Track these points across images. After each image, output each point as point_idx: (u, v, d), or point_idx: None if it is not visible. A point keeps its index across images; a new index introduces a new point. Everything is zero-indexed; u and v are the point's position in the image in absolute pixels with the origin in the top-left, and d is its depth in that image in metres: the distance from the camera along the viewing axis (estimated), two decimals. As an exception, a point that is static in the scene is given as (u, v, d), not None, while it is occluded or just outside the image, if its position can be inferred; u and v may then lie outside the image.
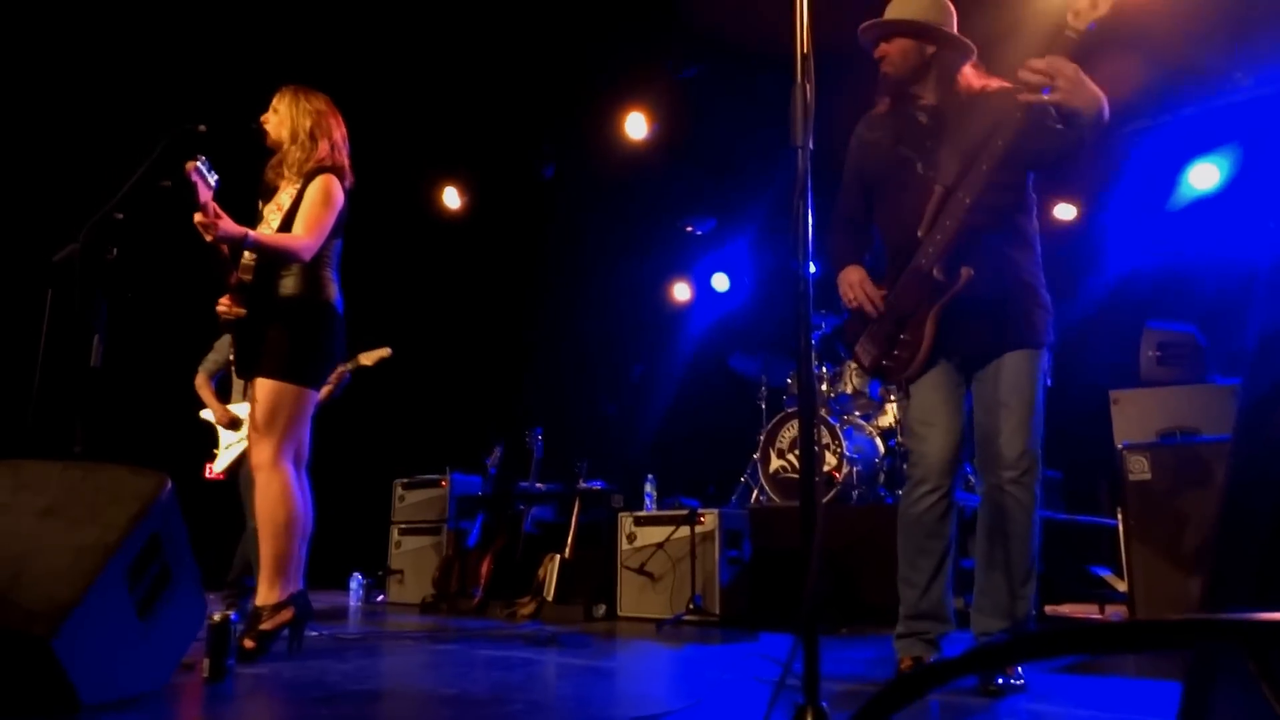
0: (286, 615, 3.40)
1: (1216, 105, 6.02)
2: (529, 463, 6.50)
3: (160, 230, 4.99)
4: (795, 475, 5.89)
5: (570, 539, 5.65)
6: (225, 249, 3.47)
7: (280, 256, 3.48)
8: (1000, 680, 2.69)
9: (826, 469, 5.63)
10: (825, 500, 5.50)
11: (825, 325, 6.24)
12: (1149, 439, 4.10)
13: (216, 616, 2.87)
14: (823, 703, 1.68)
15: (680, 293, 9.13)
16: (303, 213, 3.52)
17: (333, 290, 3.64)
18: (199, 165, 3.21)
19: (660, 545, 5.24)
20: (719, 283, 8.91)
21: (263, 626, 3.34)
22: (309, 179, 3.58)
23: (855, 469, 5.65)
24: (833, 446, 5.68)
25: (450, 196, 8.76)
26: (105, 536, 2.32)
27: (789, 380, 6.59)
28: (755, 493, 6.20)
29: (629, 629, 4.89)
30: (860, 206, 3.18)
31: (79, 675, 2.19)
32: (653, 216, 8.65)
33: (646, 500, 5.83)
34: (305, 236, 3.48)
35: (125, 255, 3.16)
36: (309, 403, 3.55)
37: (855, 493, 5.63)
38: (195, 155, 3.20)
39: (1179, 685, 0.99)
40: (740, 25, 5.33)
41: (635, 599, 5.32)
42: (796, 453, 5.90)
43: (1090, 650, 0.78)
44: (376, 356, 5.40)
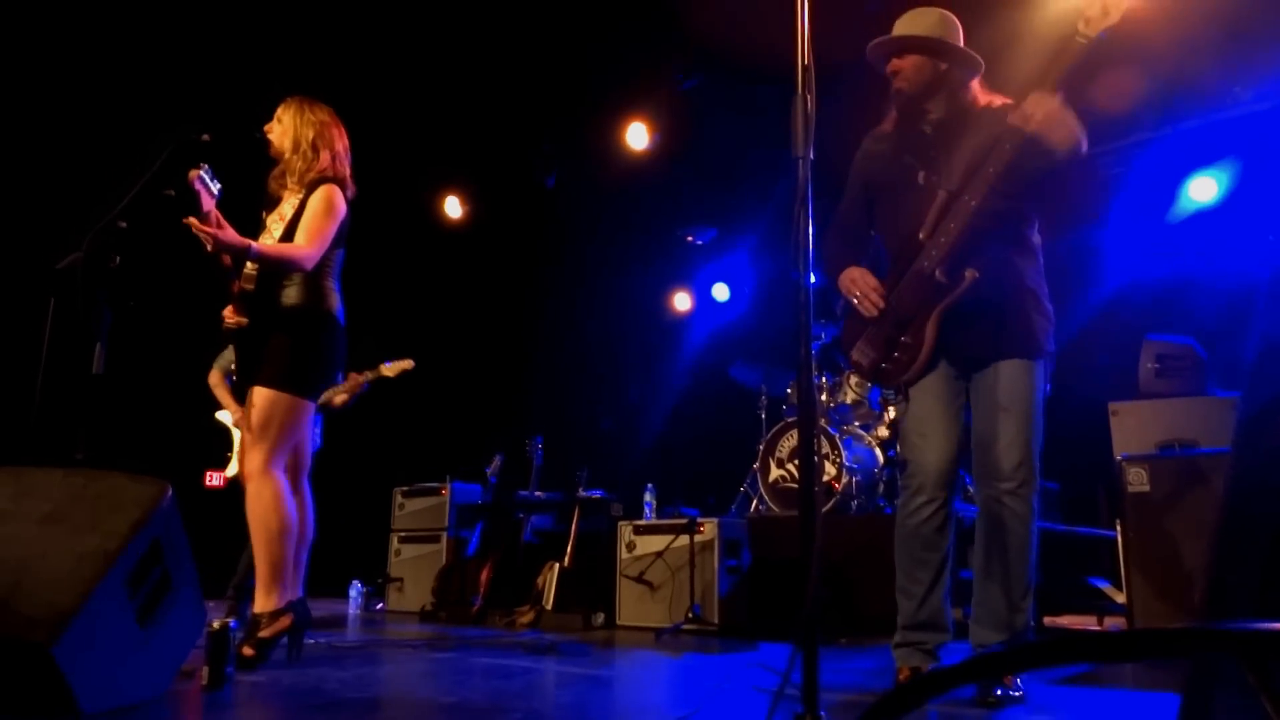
0: (285, 622, 3.40)
1: (1216, 119, 6.03)
2: (529, 471, 6.50)
3: (163, 238, 5.01)
4: (794, 485, 5.89)
5: (570, 547, 5.65)
6: (227, 259, 3.48)
7: (282, 266, 3.49)
8: (999, 692, 2.69)
9: (826, 479, 5.63)
10: (824, 510, 5.50)
11: (825, 335, 6.25)
12: (1148, 451, 4.10)
13: (216, 624, 2.87)
14: (821, 712, 1.68)
15: (681, 302, 9.14)
16: (304, 222, 3.53)
17: (334, 300, 3.65)
18: (201, 174, 3.22)
19: (659, 554, 5.24)
20: (719, 292, 8.92)
21: (261, 634, 3.34)
22: (311, 189, 3.59)
23: (854, 479, 5.65)
24: (832, 456, 5.69)
25: (452, 206, 8.78)
26: (106, 544, 2.33)
27: (789, 390, 6.60)
28: (754, 502, 6.20)
29: (628, 638, 4.89)
30: (861, 215, 3.18)
31: (79, 682, 2.20)
32: (653, 226, 8.66)
33: (646, 509, 5.83)
34: (307, 246, 3.49)
35: (128, 263, 3.16)
36: (304, 413, 3.54)
37: (854, 503, 5.63)
38: (198, 164, 3.21)
39: (1178, 697, 1.00)
40: (741, 36, 5.35)
41: (634, 608, 5.32)
42: (796, 462, 5.90)
43: (1089, 660, 0.79)
44: (399, 368, 5.35)
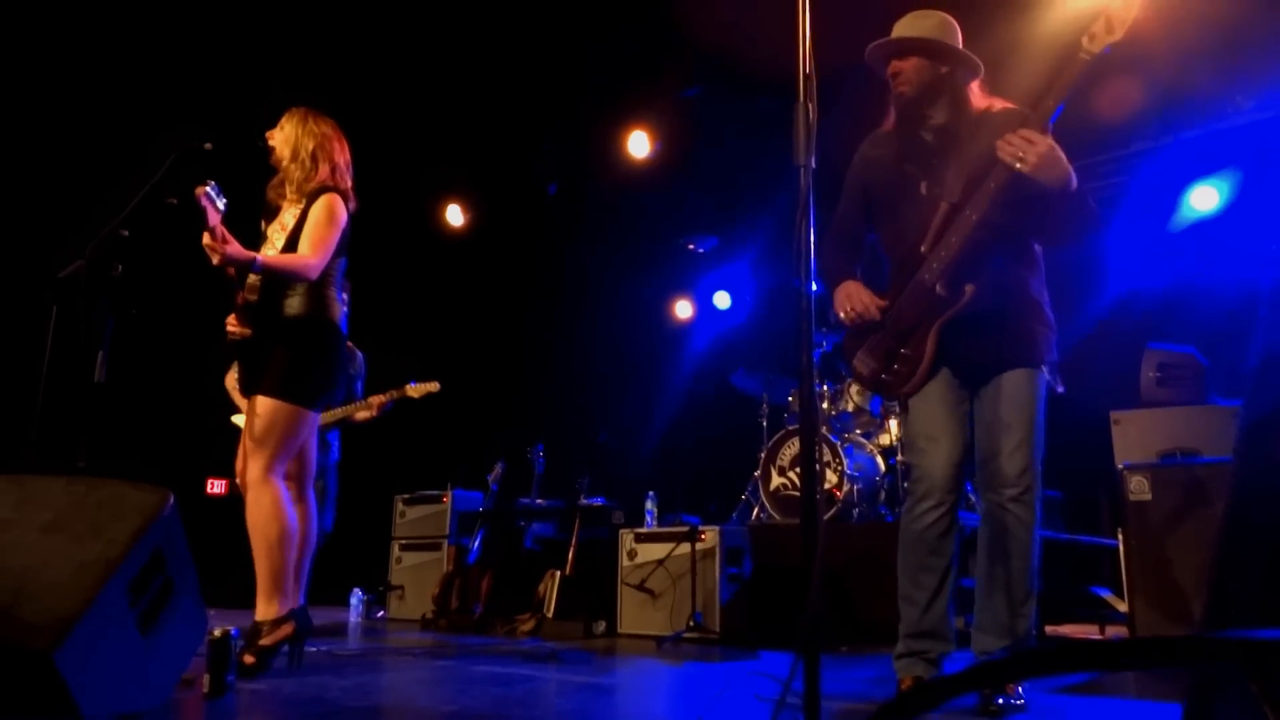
0: (286, 630, 3.40)
1: (1217, 129, 6.04)
2: (530, 479, 6.50)
3: (165, 247, 5.02)
4: (796, 493, 5.89)
5: (571, 555, 5.64)
6: (232, 270, 3.49)
7: (287, 277, 3.50)
8: (1000, 700, 2.68)
9: (827, 487, 5.63)
10: (826, 518, 5.49)
11: (826, 343, 6.25)
12: (1149, 459, 4.10)
13: (217, 632, 2.87)
14: (824, 721, 1.68)
15: (682, 310, 9.15)
16: (307, 232, 3.54)
17: (337, 310, 3.65)
18: (208, 190, 3.23)
19: (661, 562, 5.23)
20: (721, 300, 8.92)
21: (263, 642, 3.34)
22: (312, 199, 3.60)
23: (856, 487, 5.65)
24: (833, 464, 5.68)
25: (454, 214, 8.80)
26: (108, 551, 2.33)
27: (790, 398, 6.60)
28: (756, 510, 6.20)
29: (629, 646, 4.88)
30: (858, 220, 3.18)
31: (80, 690, 2.19)
32: (655, 234, 8.68)
33: (647, 517, 5.82)
34: (311, 256, 3.50)
35: (130, 271, 3.17)
36: (305, 422, 3.54)
37: (856, 511, 5.63)
38: (204, 179, 3.22)
39: (1180, 706, 1.00)
40: (742, 45, 5.36)
41: (635, 616, 5.31)
42: (797, 470, 5.89)
43: (1091, 668, 0.79)
44: (424, 390, 5.33)
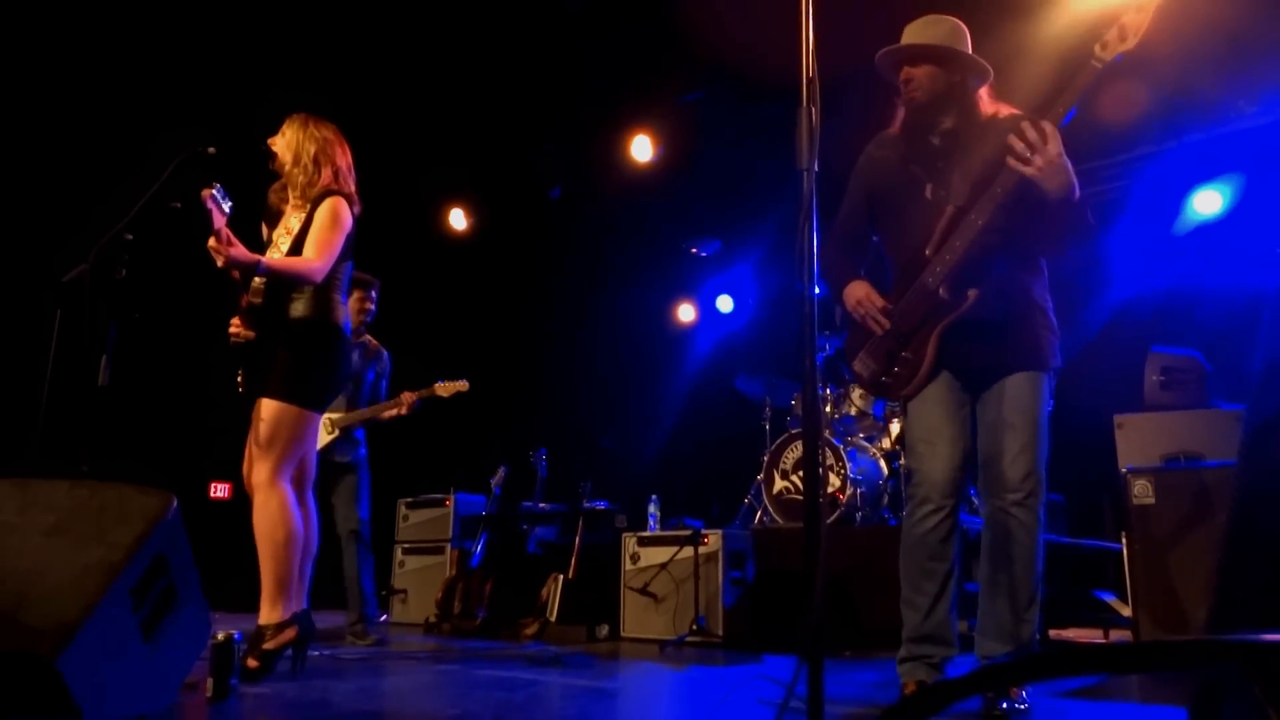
0: (290, 634, 3.40)
1: (1221, 133, 6.04)
2: (533, 482, 6.49)
3: (169, 251, 5.03)
4: (799, 497, 5.88)
5: (574, 559, 5.64)
6: (236, 273, 3.50)
7: (292, 280, 3.51)
8: (1004, 705, 2.67)
9: (830, 490, 5.62)
10: (829, 522, 5.49)
11: (829, 347, 6.25)
12: (1153, 463, 4.09)
13: (220, 636, 2.87)
14: (827, 726, 1.68)
15: (685, 314, 9.15)
16: (312, 236, 3.55)
17: (341, 313, 3.66)
18: (214, 193, 3.24)
19: (664, 566, 5.23)
20: (723, 304, 8.92)
21: (266, 646, 3.34)
22: (316, 203, 3.61)
23: (859, 491, 5.64)
24: (836, 468, 5.67)
25: (457, 218, 8.81)
26: (111, 556, 2.33)
27: (793, 401, 6.60)
28: (759, 514, 6.19)
29: (632, 650, 4.88)
30: (862, 222, 3.18)
31: (83, 695, 2.19)
32: (658, 238, 8.68)
33: (650, 521, 5.82)
34: (316, 260, 3.51)
35: (134, 275, 3.18)
36: (310, 424, 3.55)
37: (859, 514, 5.62)
38: (210, 182, 3.23)
39: (1185, 711, 0.99)
40: (745, 49, 5.37)
41: (638, 620, 5.30)
42: (800, 474, 5.89)
43: (1095, 672, 0.79)
44: (453, 389, 5.33)
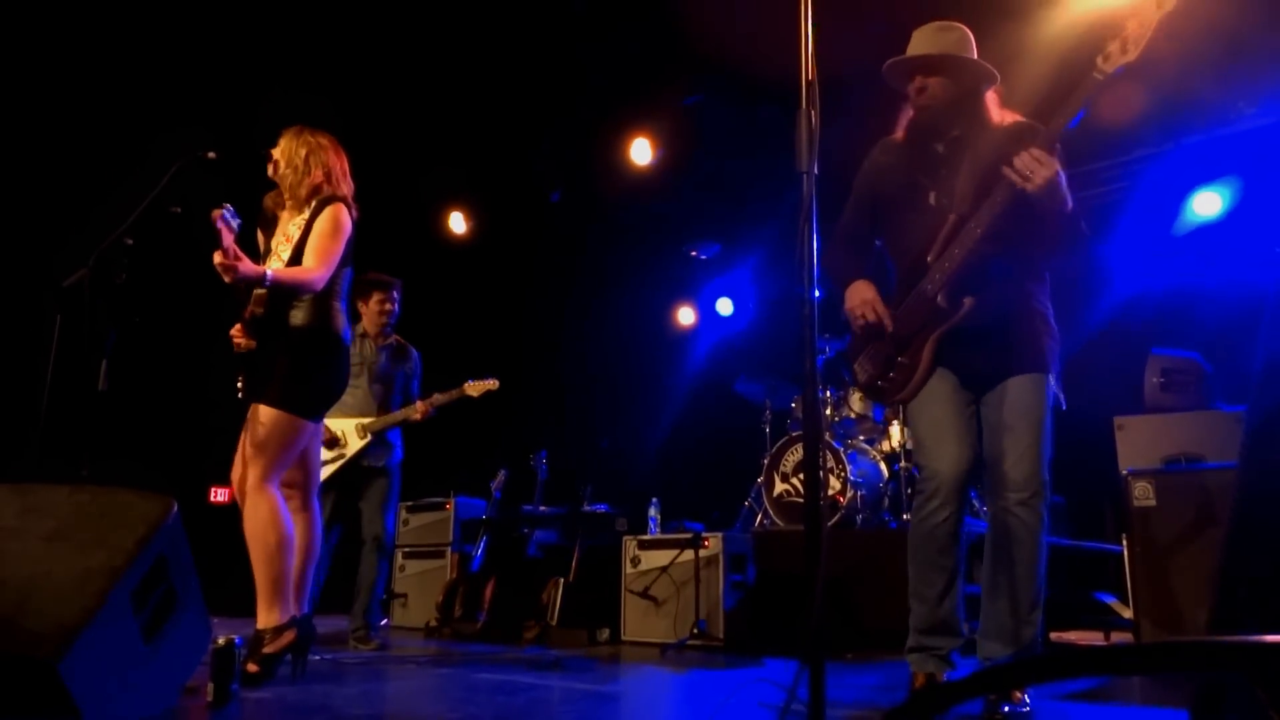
0: (289, 637, 3.40)
1: (1220, 134, 6.04)
2: (533, 486, 6.49)
3: (169, 256, 5.03)
4: (799, 499, 5.88)
5: (574, 563, 5.63)
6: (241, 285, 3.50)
7: (295, 290, 3.51)
8: (1006, 708, 2.67)
9: (830, 493, 5.63)
10: (830, 525, 5.49)
11: (829, 349, 6.25)
12: (1153, 465, 4.09)
13: (221, 640, 2.87)
14: (829, 729, 1.67)
15: (685, 317, 9.15)
16: (313, 244, 3.54)
17: (341, 321, 3.66)
18: (224, 214, 3.24)
19: (664, 569, 5.22)
20: (723, 307, 8.93)
21: (265, 650, 3.33)
22: (317, 210, 3.60)
23: (859, 493, 5.64)
24: (837, 471, 5.68)
25: (456, 222, 8.81)
26: (112, 560, 2.33)
27: (793, 404, 6.60)
28: (759, 517, 6.19)
29: (633, 653, 4.87)
30: (866, 226, 3.20)
31: (84, 699, 2.20)
32: (657, 241, 8.68)
33: (650, 524, 5.82)
34: (316, 268, 3.51)
35: (134, 280, 3.18)
36: (304, 432, 3.54)
37: (859, 517, 5.62)
38: (221, 204, 3.23)
39: (1186, 714, 0.99)
40: (744, 52, 5.37)
41: (639, 623, 5.30)
42: (800, 477, 5.89)
43: (1097, 674, 0.79)
44: (483, 388, 5.30)
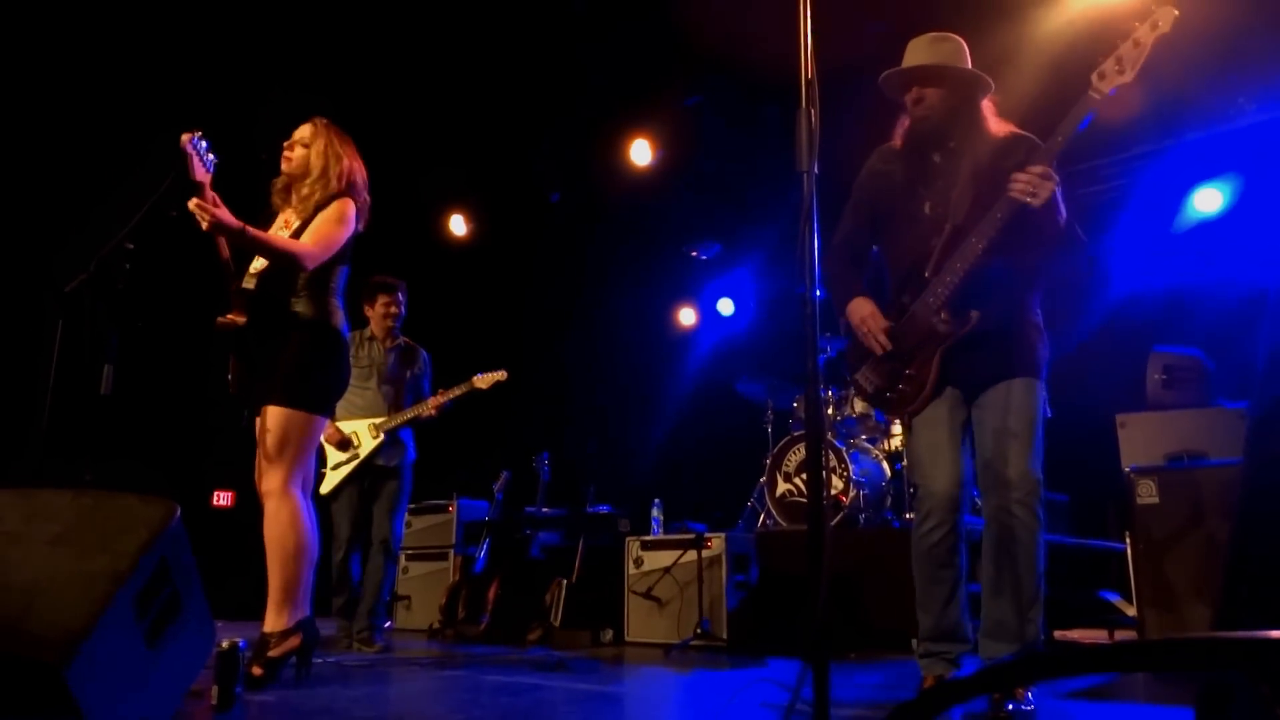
0: (294, 642, 3.39)
1: (1221, 131, 6.04)
2: (535, 487, 6.49)
3: (170, 259, 5.03)
4: (802, 499, 5.88)
5: (577, 564, 5.63)
6: (226, 252, 3.46)
7: (281, 259, 3.43)
8: (1010, 706, 2.68)
9: (833, 492, 5.62)
10: (832, 524, 5.48)
11: (831, 349, 6.25)
12: (1156, 463, 4.09)
13: (225, 643, 2.87)
14: (833, 729, 1.67)
15: (685, 317, 9.15)
16: (315, 225, 3.51)
17: (339, 317, 3.65)
18: (193, 139, 3.18)
19: (667, 570, 5.22)
20: (724, 307, 8.93)
21: (270, 653, 3.33)
22: (325, 203, 3.57)
23: (862, 492, 5.64)
24: (839, 470, 5.67)
25: (457, 224, 8.81)
26: (115, 564, 2.33)
27: (795, 404, 6.59)
28: (762, 517, 6.19)
29: (636, 654, 4.87)
30: (864, 233, 3.23)
31: (89, 703, 2.19)
32: (657, 242, 8.69)
33: (653, 524, 5.82)
34: (311, 245, 3.45)
35: (135, 284, 3.18)
36: (317, 429, 3.54)
37: (862, 516, 5.62)
38: (191, 129, 3.17)
39: (1190, 712, 0.99)
40: (744, 52, 5.38)
41: (642, 624, 5.30)
42: (803, 476, 5.89)
43: (1101, 671, 0.79)
44: (492, 379, 5.33)
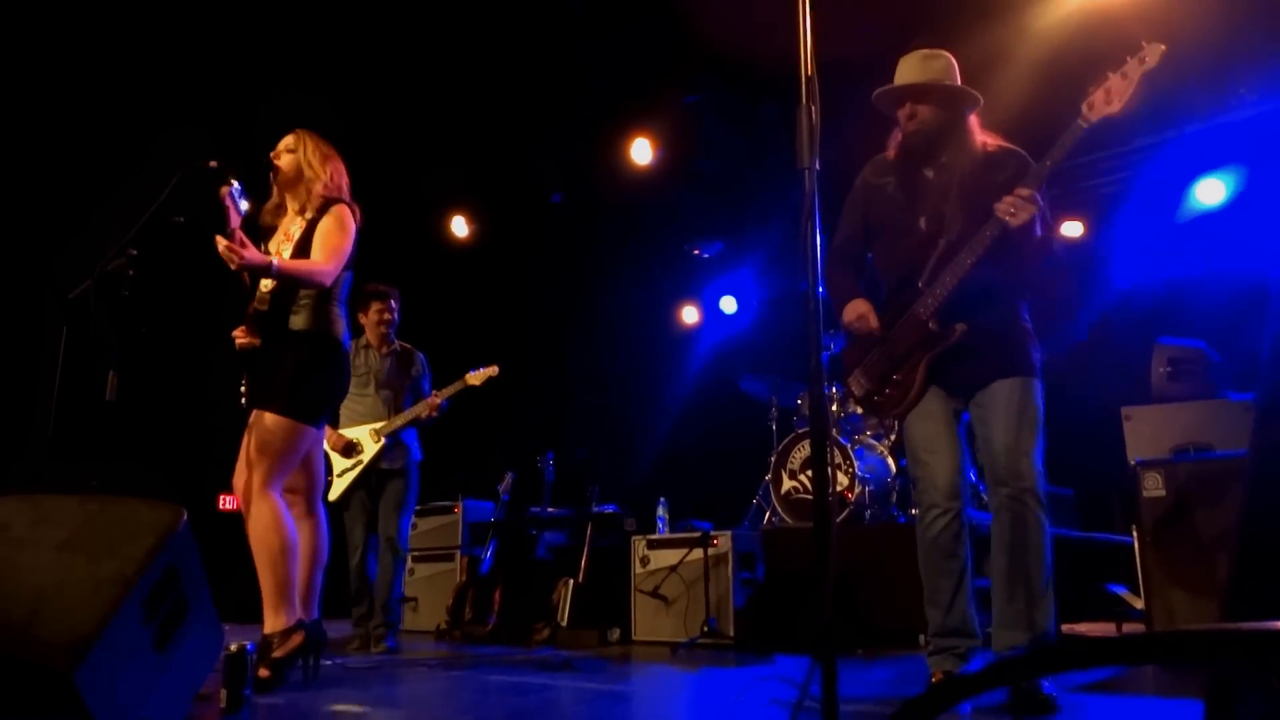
0: (296, 640, 3.40)
1: (1223, 121, 6.03)
2: (540, 487, 6.49)
3: (175, 264, 5.04)
4: (807, 496, 5.87)
5: (583, 563, 5.63)
6: (247, 277, 3.51)
7: (301, 283, 3.52)
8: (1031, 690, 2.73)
9: (838, 489, 5.62)
10: (838, 520, 5.48)
11: (835, 346, 6.23)
12: (1162, 455, 4.08)
13: (233, 646, 2.88)
14: (842, 725, 1.67)
15: (688, 316, 9.15)
16: (320, 240, 3.55)
17: (341, 326, 3.67)
18: (231, 191, 3.25)
19: (674, 568, 5.22)
20: (727, 305, 8.92)
21: (275, 654, 3.34)
22: (322, 211, 3.61)
23: (867, 489, 5.63)
24: (844, 466, 5.67)
25: (459, 225, 8.82)
26: (123, 569, 2.33)
27: (799, 401, 6.59)
28: (768, 514, 6.18)
29: (644, 653, 4.88)
30: (860, 243, 3.37)
31: (99, 708, 2.20)
32: (659, 241, 8.69)
33: (659, 523, 5.82)
34: (325, 262, 3.52)
35: (140, 290, 3.19)
36: (305, 437, 3.56)
37: (868, 512, 5.61)
38: (228, 181, 3.23)
39: (1200, 704, 0.99)
40: (745, 49, 5.38)
41: (649, 622, 5.30)
42: (808, 473, 5.88)
43: (1110, 663, 0.79)
44: (484, 375, 5.34)
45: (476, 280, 8.74)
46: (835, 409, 6.17)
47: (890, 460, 5.92)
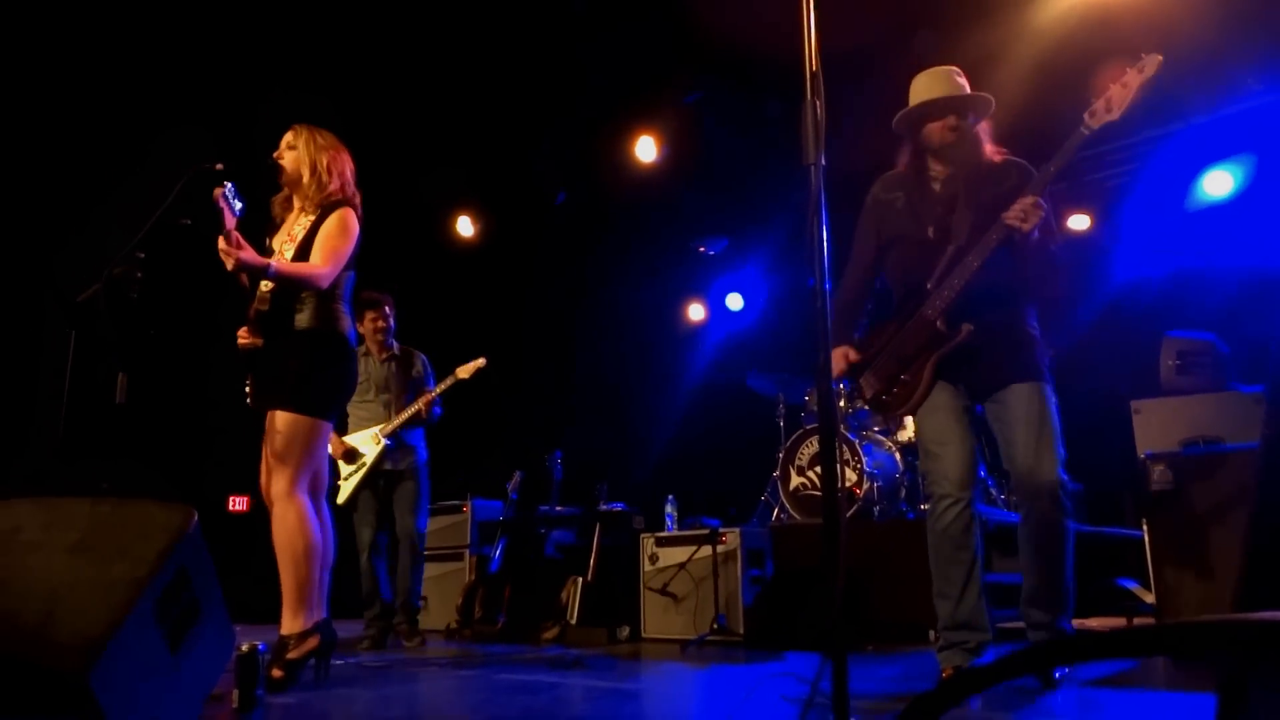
0: (312, 643, 3.41)
1: (1230, 112, 6.00)
2: (549, 486, 6.50)
3: (182, 267, 5.05)
4: (816, 492, 5.87)
5: (592, 561, 5.64)
6: (245, 279, 3.52)
7: (298, 285, 3.53)
8: (1060, 673, 2.95)
9: (847, 485, 5.61)
10: (847, 516, 5.47)
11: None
12: (1172, 448, 4.07)
13: (245, 647, 2.89)
14: (853, 719, 1.67)
15: (695, 313, 9.14)
16: (320, 242, 3.57)
17: (345, 323, 3.68)
18: (225, 192, 3.27)
19: (682, 566, 5.23)
20: (733, 302, 8.91)
21: (290, 655, 3.35)
22: (326, 211, 3.63)
23: (876, 484, 5.63)
24: (852, 462, 5.67)
25: (464, 225, 8.82)
26: (135, 571, 2.34)
27: (807, 397, 6.58)
28: (776, 511, 6.18)
29: (653, 650, 4.88)
30: (875, 261, 3.45)
31: (113, 710, 2.21)
32: (665, 238, 8.68)
33: (667, 521, 5.82)
34: (322, 265, 3.53)
35: (148, 293, 3.20)
36: (323, 434, 3.58)
37: (876, 508, 5.61)
38: (222, 182, 3.25)
39: (1213, 698, 0.99)
40: (747, 45, 5.37)
41: (659, 620, 5.31)
42: (816, 470, 5.88)
43: (1119, 656, 0.78)
44: (473, 368, 5.43)
45: (482, 280, 8.74)
46: (843, 405, 6.17)
47: (898, 456, 5.92)
